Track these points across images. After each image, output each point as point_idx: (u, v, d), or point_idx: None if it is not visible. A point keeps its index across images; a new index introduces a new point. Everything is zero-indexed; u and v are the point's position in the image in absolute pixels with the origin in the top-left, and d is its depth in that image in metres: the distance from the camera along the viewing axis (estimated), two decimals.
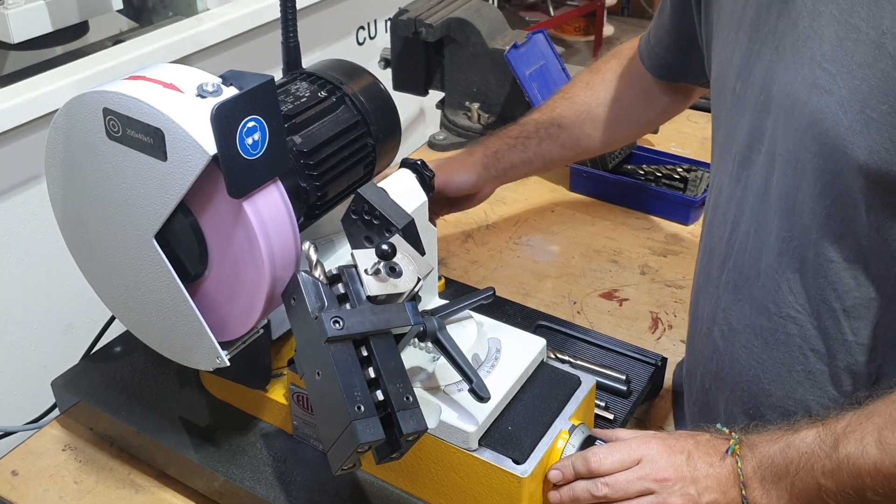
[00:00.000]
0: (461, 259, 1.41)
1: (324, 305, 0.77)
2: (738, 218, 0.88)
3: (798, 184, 0.80)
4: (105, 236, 0.85)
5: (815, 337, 0.84)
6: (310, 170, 0.92)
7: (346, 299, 0.79)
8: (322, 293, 0.78)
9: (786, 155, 0.80)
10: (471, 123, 1.72)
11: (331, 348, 0.75)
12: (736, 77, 0.87)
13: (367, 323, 0.77)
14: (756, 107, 0.84)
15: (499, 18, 1.69)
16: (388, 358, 0.77)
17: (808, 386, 0.86)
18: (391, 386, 0.75)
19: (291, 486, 0.94)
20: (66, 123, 0.82)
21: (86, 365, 1.12)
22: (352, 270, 0.80)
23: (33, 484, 1.02)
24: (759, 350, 0.88)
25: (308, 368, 0.78)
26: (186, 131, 0.74)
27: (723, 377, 0.93)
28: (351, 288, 0.79)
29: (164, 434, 1.01)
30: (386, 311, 0.79)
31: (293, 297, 0.79)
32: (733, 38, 0.88)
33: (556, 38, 4.50)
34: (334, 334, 0.74)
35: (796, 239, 0.81)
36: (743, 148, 0.86)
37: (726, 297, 0.90)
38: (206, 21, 1.77)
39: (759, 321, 0.87)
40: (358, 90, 1.00)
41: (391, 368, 0.77)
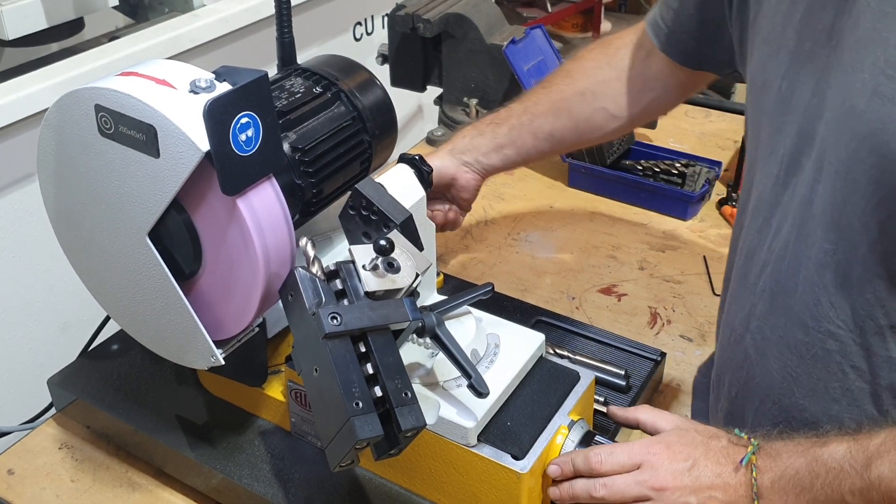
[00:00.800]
0: (460, 255, 1.40)
1: (321, 301, 0.76)
2: (780, 224, 0.82)
3: (847, 197, 0.74)
4: (98, 234, 0.85)
5: (856, 353, 0.79)
6: (305, 167, 0.92)
7: (343, 295, 0.78)
8: (319, 289, 0.77)
9: (836, 165, 0.75)
10: (469, 119, 1.71)
11: (328, 345, 0.74)
12: (782, 76, 0.81)
13: (366, 319, 0.76)
14: (807, 110, 0.78)
15: (497, 14, 1.69)
16: (386, 354, 0.77)
17: (844, 403, 0.81)
18: (389, 382, 0.75)
19: (290, 483, 0.93)
20: (58, 120, 0.81)
21: (82, 363, 1.11)
22: (349, 266, 0.79)
23: (30, 483, 1.01)
24: (793, 364, 0.83)
25: (306, 365, 0.78)
26: (179, 128, 0.73)
27: (752, 387, 0.89)
28: (349, 284, 0.78)
29: (161, 432, 1.00)
30: (384, 307, 0.78)
31: (290, 294, 0.78)
32: (779, 33, 0.82)
33: (554, 34, 4.48)
34: (332, 330, 0.74)
35: (841, 253, 0.76)
36: (791, 151, 0.81)
37: (762, 305, 0.85)
38: (202, 17, 1.76)
39: (795, 334, 0.82)
40: (354, 86, 1.00)
41: (389, 364, 0.76)
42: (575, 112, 1.16)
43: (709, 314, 1.26)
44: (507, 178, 1.62)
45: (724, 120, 1.80)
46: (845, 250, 0.76)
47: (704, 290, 1.30)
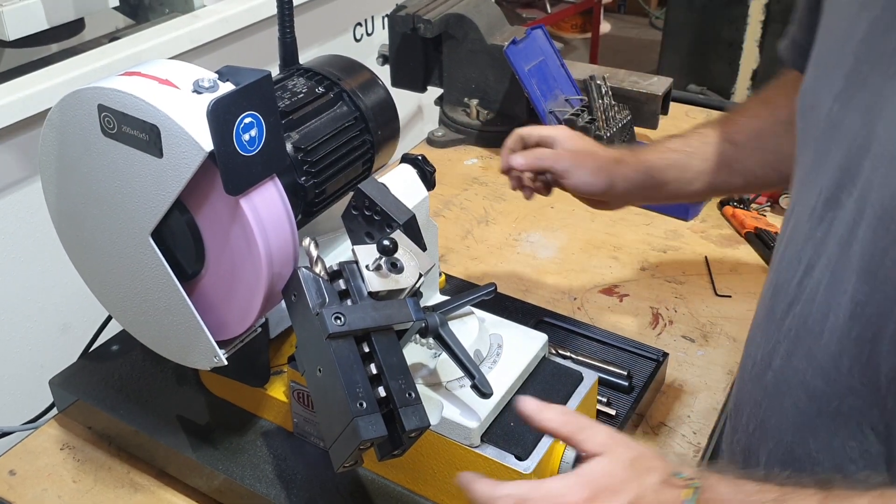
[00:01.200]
0: (461, 255, 1.40)
1: (325, 302, 0.76)
2: (814, 262, 0.75)
3: (888, 247, 0.67)
4: (100, 234, 0.85)
5: (877, 416, 0.71)
6: (308, 167, 0.92)
7: (347, 295, 0.78)
8: (323, 289, 0.77)
9: (878, 209, 0.67)
10: (469, 120, 1.71)
11: (332, 345, 0.74)
12: (834, 98, 0.74)
13: (369, 319, 0.76)
14: (854, 141, 0.71)
15: (497, 14, 1.69)
16: (389, 354, 0.77)
17: (861, 465, 0.73)
18: (393, 382, 0.75)
19: (292, 483, 0.93)
20: (61, 120, 0.81)
21: (84, 363, 1.11)
22: (353, 266, 0.79)
23: (31, 483, 1.01)
24: (811, 413, 0.76)
25: (309, 365, 0.77)
26: (182, 128, 0.73)
27: (768, 428, 0.82)
28: (352, 284, 0.78)
29: (163, 432, 1.00)
30: (388, 308, 0.78)
31: (294, 294, 0.78)
32: (837, 50, 0.75)
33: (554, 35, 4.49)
34: (336, 330, 0.74)
35: (874, 306, 0.69)
36: (831, 184, 0.73)
37: (786, 345, 0.78)
38: (203, 18, 1.76)
39: (817, 383, 0.75)
40: (356, 86, 1.00)
41: (393, 364, 0.76)
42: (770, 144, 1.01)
43: (710, 315, 1.26)
44: (508, 179, 1.61)
45: None
46: (879, 304, 0.68)
47: (706, 291, 1.30)
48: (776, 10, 3.08)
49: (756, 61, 3.21)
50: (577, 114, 1.52)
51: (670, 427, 1.07)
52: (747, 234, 1.41)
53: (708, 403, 1.10)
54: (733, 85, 3.29)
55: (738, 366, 0.92)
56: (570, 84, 1.63)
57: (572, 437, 0.70)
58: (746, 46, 3.21)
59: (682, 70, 3.37)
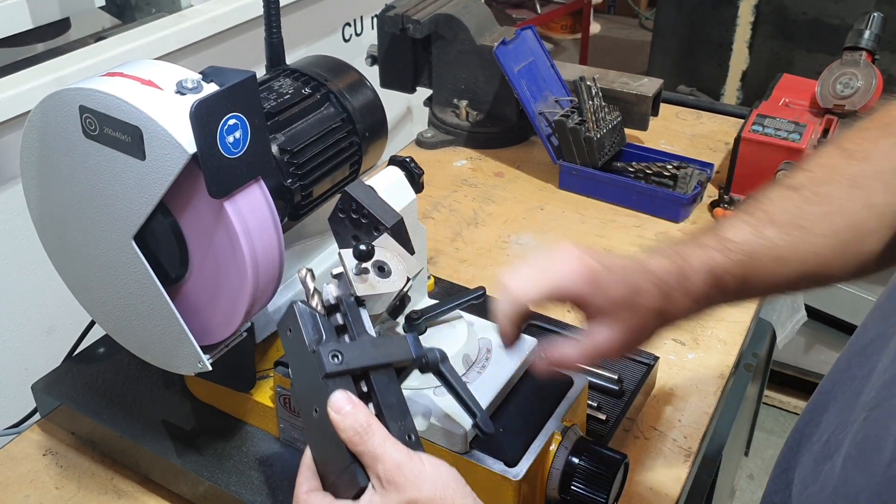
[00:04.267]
0: (450, 258, 1.39)
1: (321, 338, 0.72)
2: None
3: None
4: (82, 238, 0.83)
5: None
6: (294, 169, 0.91)
7: (344, 330, 0.74)
8: (320, 325, 0.73)
9: None
10: (459, 121, 1.70)
11: (329, 384, 0.70)
12: None
13: (368, 357, 0.72)
14: None
15: (487, 15, 1.68)
16: (388, 394, 0.72)
17: None
18: (392, 423, 0.71)
19: (278, 490, 0.92)
20: (42, 122, 0.80)
21: (67, 367, 1.10)
22: (351, 300, 0.75)
23: (13, 490, 1.00)
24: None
25: (305, 404, 0.73)
26: (165, 129, 0.72)
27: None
28: (349, 318, 0.74)
29: (147, 438, 0.99)
30: (386, 344, 0.74)
31: (289, 329, 0.74)
32: None
33: (543, 35, 4.49)
34: (333, 370, 0.70)
35: None
36: None
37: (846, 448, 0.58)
38: (190, 18, 1.74)
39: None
40: (343, 87, 0.99)
41: (392, 405, 0.72)
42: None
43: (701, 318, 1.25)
44: (498, 181, 1.61)
45: (716, 121, 1.80)
46: None
47: None
48: (766, 12, 3.09)
49: (746, 62, 3.21)
50: (567, 115, 1.52)
51: (661, 431, 1.06)
52: None
53: (699, 407, 1.10)
54: (723, 86, 3.29)
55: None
56: (560, 85, 1.62)
57: (359, 456, 0.67)
58: (736, 48, 3.21)
59: (671, 71, 3.37)
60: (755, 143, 1.45)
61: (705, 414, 1.09)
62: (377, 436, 0.67)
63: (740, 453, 2.00)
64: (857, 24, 1.52)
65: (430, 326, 0.92)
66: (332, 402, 0.67)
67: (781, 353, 2.49)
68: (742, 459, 2.12)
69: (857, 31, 1.51)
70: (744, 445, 2.04)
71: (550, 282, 0.77)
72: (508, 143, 1.71)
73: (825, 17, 2.96)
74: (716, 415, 1.10)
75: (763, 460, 2.41)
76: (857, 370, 0.61)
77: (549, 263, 0.79)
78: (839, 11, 2.92)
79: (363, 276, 0.78)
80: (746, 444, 2.09)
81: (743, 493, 2.32)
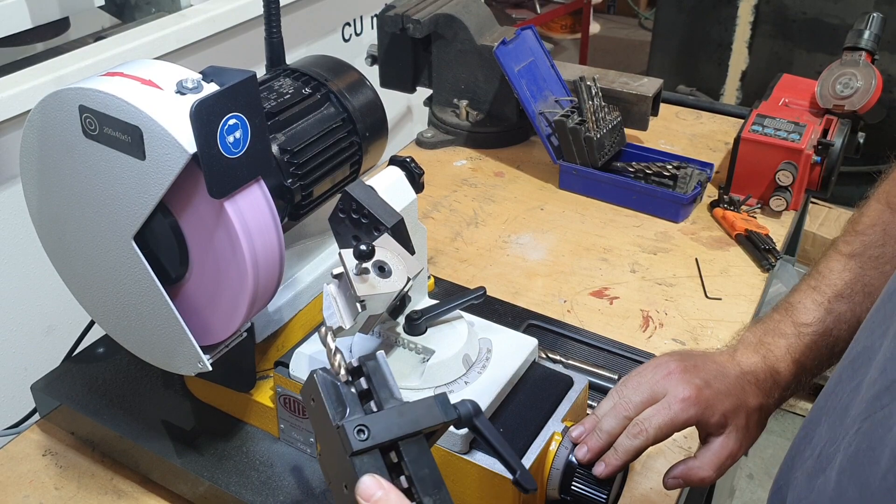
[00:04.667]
0: (450, 258, 1.39)
1: (346, 411, 0.68)
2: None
3: None
4: (82, 238, 0.83)
5: None
6: (294, 169, 0.91)
7: (369, 396, 0.70)
8: (342, 396, 0.68)
9: None
10: (459, 121, 1.70)
11: (356, 461, 0.66)
12: None
13: (395, 428, 0.68)
14: None
15: (487, 14, 1.68)
16: (420, 465, 0.67)
17: None
18: (426, 499, 0.66)
19: (278, 490, 0.92)
20: (42, 121, 0.79)
21: (67, 367, 1.10)
22: (373, 363, 0.71)
23: (13, 490, 0.99)
24: None
25: (334, 477, 0.69)
26: (165, 129, 0.72)
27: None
28: (374, 383, 0.70)
29: (147, 438, 0.98)
30: (414, 410, 0.70)
31: (312, 399, 0.70)
32: None
33: (543, 35, 4.49)
34: (360, 448, 0.65)
35: None
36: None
37: (839, 462, 0.58)
38: (190, 17, 1.74)
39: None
40: (343, 87, 0.99)
41: (424, 477, 0.67)
42: None
43: (701, 317, 1.25)
44: (498, 181, 1.61)
45: (715, 121, 1.80)
46: None
47: (697, 293, 1.30)
48: (765, 12, 3.09)
49: (745, 62, 3.21)
50: (567, 115, 1.52)
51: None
52: (738, 236, 1.41)
53: None
54: (722, 86, 3.29)
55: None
56: (560, 85, 1.62)
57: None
58: (736, 47, 3.21)
59: (671, 71, 3.37)
60: (755, 143, 1.45)
61: None
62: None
63: None
64: (856, 25, 1.52)
65: (431, 326, 0.92)
66: (361, 490, 0.62)
67: None
68: (741, 459, 2.13)
69: (856, 31, 1.51)
70: None
71: (674, 421, 0.82)
72: (508, 142, 1.71)
73: (825, 16, 2.96)
74: None
75: (763, 460, 2.41)
76: (847, 384, 0.62)
77: (658, 387, 0.84)
78: (839, 11, 2.92)
79: (363, 276, 0.78)
80: None
81: (742, 493, 2.32)
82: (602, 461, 0.83)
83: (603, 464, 0.82)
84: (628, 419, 0.83)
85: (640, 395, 0.84)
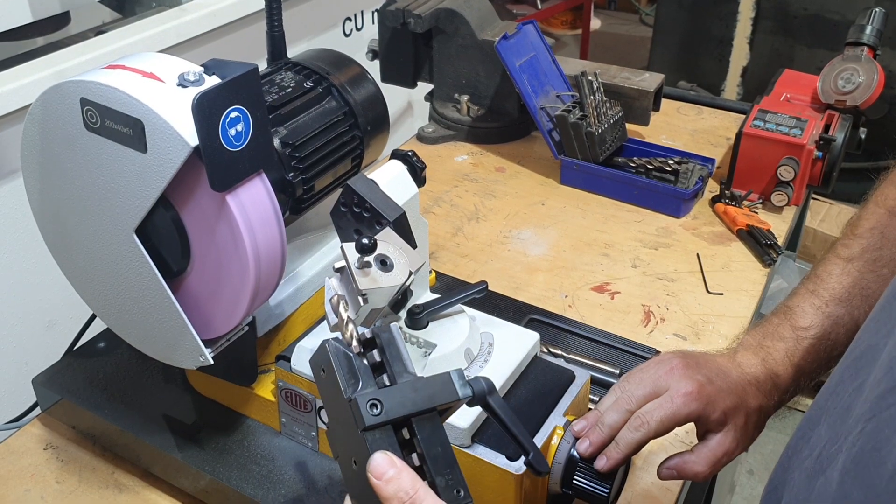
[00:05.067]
0: (451, 253, 1.39)
1: (358, 383, 0.66)
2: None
3: None
4: (84, 231, 0.83)
5: None
6: (296, 162, 0.90)
7: (381, 368, 0.68)
8: (355, 367, 0.66)
9: None
10: (460, 116, 1.70)
11: (368, 437, 0.63)
12: None
13: (409, 404, 0.65)
14: None
15: (488, 9, 1.67)
16: (433, 444, 0.65)
17: None
18: (439, 478, 0.64)
19: (280, 484, 0.92)
20: (43, 114, 0.79)
21: (68, 362, 1.10)
22: (387, 335, 0.69)
23: (14, 484, 0.99)
24: None
25: (343, 453, 0.67)
26: (167, 122, 0.72)
27: None
28: (388, 355, 0.68)
29: (148, 432, 0.98)
30: (429, 386, 0.67)
31: (322, 369, 0.68)
32: None
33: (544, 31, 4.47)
34: (372, 423, 0.63)
35: None
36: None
37: (842, 462, 0.57)
38: (191, 11, 1.74)
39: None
40: (345, 81, 0.98)
41: (437, 456, 0.65)
42: None
43: (702, 312, 1.25)
44: (499, 176, 1.60)
45: (717, 117, 1.79)
46: None
47: (698, 288, 1.30)
48: (766, 7, 3.08)
49: (746, 58, 3.21)
50: (569, 110, 1.51)
51: None
52: (739, 231, 1.41)
53: None
54: (723, 82, 3.29)
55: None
56: (562, 80, 1.62)
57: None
58: (736, 43, 3.21)
59: (672, 67, 3.37)
60: (756, 138, 1.45)
61: None
62: (426, 501, 0.61)
63: None
64: (858, 20, 1.52)
65: (432, 321, 0.92)
66: (373, 467, 0.61)
67: None
68: (742, 455, 2.13)
69: (858, 26, 1.51)
70: None
71: (675, 415, 0.82)
72: (509, 138, 1.71)
73: (825, 12, 2.96)
74: None
75: (763, 456, 2.41)
76: (849, 384, 0.61)
77: (661, 382, 0.84)
78: (839, 7, 2.92)
79: (365, 269, 0.78)
80: None
81: (743, 489, 2.32)
82: (603, 455, 0.83)
83: (605, 457, 0.82)
84: (630, 412, 0.83)
85: (643, 389, 0.84)
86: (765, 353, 0.87)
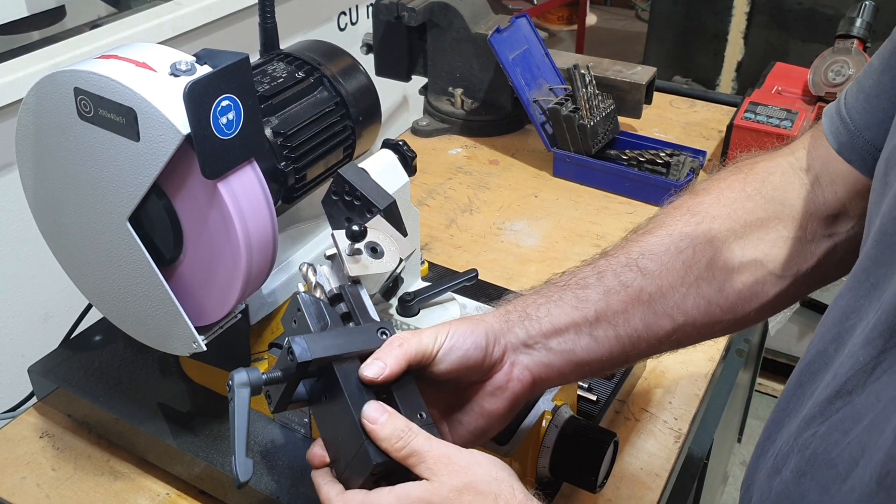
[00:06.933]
0: (445, 244, 1.40)
1: (327, 325, 0.71)
2: (855, 389, 0.55)
3: None
4: (78, 220, 0.84)
5: None
6: (287, 152, 0.91)
7: (349, 319, 0.73)
8: (324, 312, 0.72)
9: None
10: (454, 109, 1.71)
11: (337, 368, 0.69)
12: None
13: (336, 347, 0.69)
14: None
15: (482, 3, 1.68)
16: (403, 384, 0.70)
17: None
18: (403, 403, 0.69)
19: (274, 470, 0.93)
20: (37, 104, 0.80)
21: (64, 351, 1.10)
22: (355, 289, 0.73)
23: (10, 472, 1.00)
24: None
25: (323, 415, 0.71)
26: (159, 110, 0.73)
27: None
28: (354, 306, 0.73)
29: (143, 420, 0.99)
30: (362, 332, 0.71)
31: (294, 320, 0.72)
32: None
33: (540, 26, 4.49)
34: (305, 358, 0.67)
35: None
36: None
37: (794, 463, 0.58)
38: (185, 6, 1.75)
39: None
40: (337, 71, 0.99)
41: (401, 386, 0.70)
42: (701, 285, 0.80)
43: None
44: (492, 168, 1.61)
45: (709, 109, 1.80)
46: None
47: None
48: (761, 2, 3.09)
49: (741, 53, 3.22)
50: (561, 103, 1.52)
51: (652, 413, 1.07)
52: None
53: (689, 390, 1.11)
54: (718, 76, 3.30)
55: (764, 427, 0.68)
56: (555, 73, 1.63)
57: (404, 461, 0.65)
58: (731, 38, 3.22)
59: (667, 62, 3.37)
60: (747, 130, 1.46)
61: (696, 396, 1.10)
62: (420, 435, 0.66)
63: (733, 440, 2.02)
64: (848, 13, 1.53)
65: (423, 308, 0.93)
66: (367, 413, 0.66)
67: (774, 341, 2.50)
68: (735, 446, 2.14)
69: (848, 19, 1.52)
70: (737, 432, 2.06)
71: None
72: (503, 131, 1.72)
73: (820, 6, 2.96)
74: (706, 397, 1.12)
75: None
76: (807, 387, 0.62)
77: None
78: (833, 1, 2.93)
79: (356, 256, 0.79)
80: (739, 430, 2.10)
81: (736, 480, 2.33)
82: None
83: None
84: None
85: None
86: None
